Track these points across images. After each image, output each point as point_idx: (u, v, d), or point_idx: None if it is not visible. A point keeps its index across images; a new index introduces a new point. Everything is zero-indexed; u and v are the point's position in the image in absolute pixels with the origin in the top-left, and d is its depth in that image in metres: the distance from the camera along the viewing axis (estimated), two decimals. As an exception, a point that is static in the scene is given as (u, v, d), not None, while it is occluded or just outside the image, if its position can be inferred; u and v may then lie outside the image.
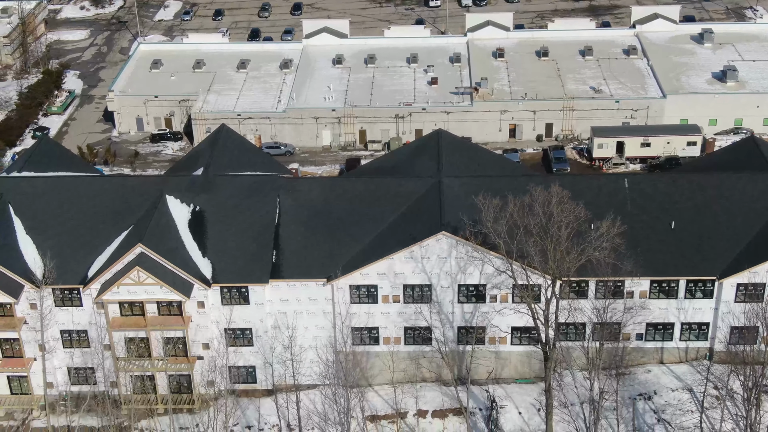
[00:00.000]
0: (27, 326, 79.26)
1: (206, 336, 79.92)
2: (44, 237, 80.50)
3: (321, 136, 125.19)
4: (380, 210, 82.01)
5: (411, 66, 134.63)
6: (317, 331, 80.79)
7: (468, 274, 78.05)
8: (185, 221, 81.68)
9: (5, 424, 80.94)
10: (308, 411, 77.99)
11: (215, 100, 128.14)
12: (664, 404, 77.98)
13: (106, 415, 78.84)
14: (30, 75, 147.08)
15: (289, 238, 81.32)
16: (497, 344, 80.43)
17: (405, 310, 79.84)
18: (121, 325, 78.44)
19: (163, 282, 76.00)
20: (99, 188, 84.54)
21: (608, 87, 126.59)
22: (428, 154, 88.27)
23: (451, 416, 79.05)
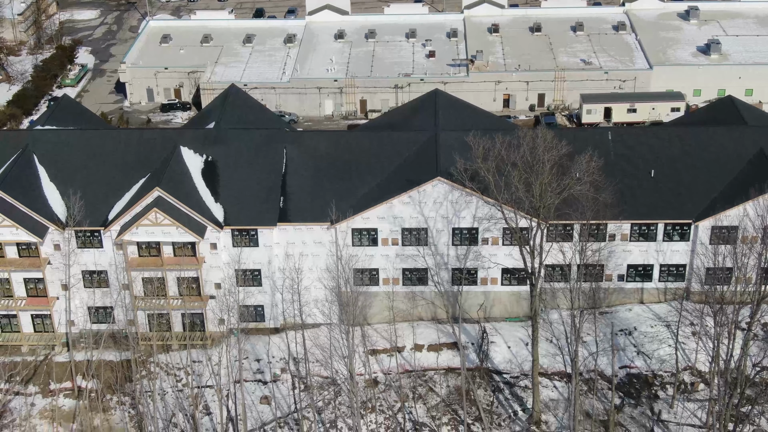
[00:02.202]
0: (50, 266, 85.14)
1: (218, 276, 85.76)
2: (67, 184, 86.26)
3: (323, 106, 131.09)
4: (381, 160, 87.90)
5: (410, 41, 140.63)
6: (321, 272, 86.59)
7: (461, 218, 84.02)
8: (198, 170, 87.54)
9: (29, 359, 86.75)
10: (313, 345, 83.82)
11: (222, 71, 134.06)
12: (643, 339, 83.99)
13: (125, 350, 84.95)
14: (43, 51, 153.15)
15: (296, 185, 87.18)
16: (488, 285, 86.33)
17: (403, 252, 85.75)
18: (139, 265, 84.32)
19: (179, 223, 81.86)
20: (117, 140, 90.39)
21: (598, 59, 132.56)
22: (426, 112, 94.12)
23: (445, 350, 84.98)
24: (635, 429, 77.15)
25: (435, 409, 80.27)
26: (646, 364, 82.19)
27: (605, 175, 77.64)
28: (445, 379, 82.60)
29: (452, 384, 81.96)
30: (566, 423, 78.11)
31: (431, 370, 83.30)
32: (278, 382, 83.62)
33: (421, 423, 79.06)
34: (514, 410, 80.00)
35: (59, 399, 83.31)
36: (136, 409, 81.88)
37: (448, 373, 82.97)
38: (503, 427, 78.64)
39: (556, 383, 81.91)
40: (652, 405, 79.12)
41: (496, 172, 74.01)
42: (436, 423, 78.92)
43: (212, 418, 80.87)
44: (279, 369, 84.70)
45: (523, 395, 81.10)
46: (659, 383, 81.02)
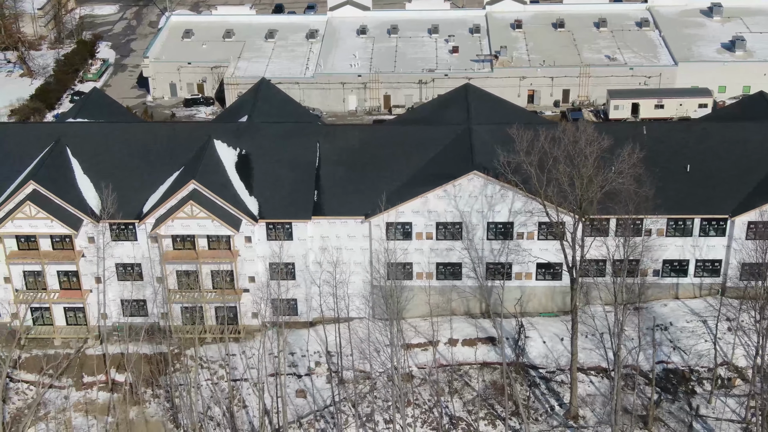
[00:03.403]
0: (85, 259, 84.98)
1: (252, 269, 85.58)
2: (100, 177, 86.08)
3: (347, 101, 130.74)
4: (414, 154, 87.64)
5: (432, 36, 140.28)
6: (355, 266, 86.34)
7: (497, 212, 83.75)
8: (232, 163, 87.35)
9: (62, 352, 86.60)
10: (348, 339, 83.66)
11: (246, 66, 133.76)
12: (679, 334, 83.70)
13: (158, 343, 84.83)
14: (64, 45, 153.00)
15: (329, 179, 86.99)
16: (523, 279, 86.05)
17: (437, 247, 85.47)
18: (174, 259, 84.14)
19: (215, 216, 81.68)
20: (150, 133, 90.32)
21: (622, 56, 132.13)
22: (457, 106, 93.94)
23: (480, 344, 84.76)
24: (674, 424, 76.89)
25: (471, 403, 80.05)
26: (683, 360, 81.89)
27: (643, 167, 77.26)
28: (481, 373, 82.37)
29: (488, 378, 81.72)
30: (604, 418, 77.90)
31: (467, 365, 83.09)
32: (313, 375, 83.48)
33: (457, 417, 78.87)
34: (550, 405, 79.78)
35: (93, 392, 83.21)
36: (171, 402, 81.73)
37: (483, 367, 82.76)
38: (540, 422, 78.41)
39: (592, 378, 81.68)
40: (689, 400, 78.85)
41: (537, 166, 73.71)
42: (472, 417, 78.72)
43: (248, 411, 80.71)
44: (314, 363, 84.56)
45: (560, 390, 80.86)
46: (696, 378, 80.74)
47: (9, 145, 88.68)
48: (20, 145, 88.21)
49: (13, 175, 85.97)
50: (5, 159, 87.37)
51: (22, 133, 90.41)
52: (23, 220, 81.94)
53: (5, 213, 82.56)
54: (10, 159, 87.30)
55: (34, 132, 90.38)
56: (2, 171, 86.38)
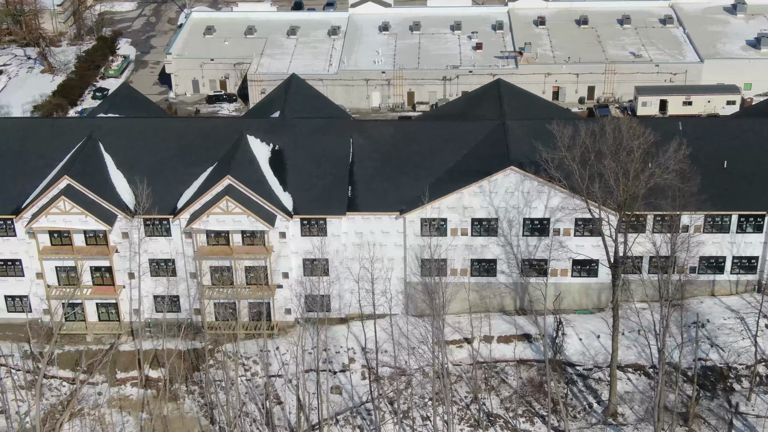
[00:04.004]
0: (118, 254, 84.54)
1: (286, 265, 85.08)
2: (133, 172, 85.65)
3: (371, 98, 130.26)
4: (448, 149, 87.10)
5: (455, 33, 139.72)
6: (388, 262, 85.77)
7: (533, 208, 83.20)
8: (266, 159, 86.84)
9: (94, 348, 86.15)
10: (381, 337, 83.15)
11: (269, 63, 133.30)
12: (716, 331, 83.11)
13: (191, 339, 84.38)
14: (84, 42, 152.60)
15: (363, 174, 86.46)
16: (558, 276, 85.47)
17: (472, 243, 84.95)
18: (208, 254, 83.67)
19: (250, 211, 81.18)
20: (181, 129, 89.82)
21: (647, 53, 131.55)
22: (489, 101, 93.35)
23: (516, 341, 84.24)
24: (714, 421, 76.30)
25: (509, 400, 79.53)
26: (721, 357, 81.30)
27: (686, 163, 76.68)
28: (517, 370, 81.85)
29: (524, 376, 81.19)
30: (643, 415, 77.34)
31: (503, 362, 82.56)
32: (348, 372, 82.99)
33: (495, 414, 78.33)
34: (588, 402, 79.19)
35: (127, 388, 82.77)
36: (205, 398, 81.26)
37: (519, 364, 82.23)
38: (579, 419, 77.84)
39: (630, 375, 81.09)
40: (728, 397, 78.27)
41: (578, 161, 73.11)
42: (510, 414, 78.17)
43: (283, 407, 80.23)
44: (348, 359, 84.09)
45: (597, 387, 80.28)
46: (734, 376, 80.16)
47: (40, 140, 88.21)
48: (51, 141, 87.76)
49: (45, 171, 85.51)
50: (37, 154, 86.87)
51: (53, 128, 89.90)
52: (57, 215, 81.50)
53: (39, 208, 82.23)
54: (41, 154, 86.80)
55: (65, 127, 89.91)
56: (34, 166, 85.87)
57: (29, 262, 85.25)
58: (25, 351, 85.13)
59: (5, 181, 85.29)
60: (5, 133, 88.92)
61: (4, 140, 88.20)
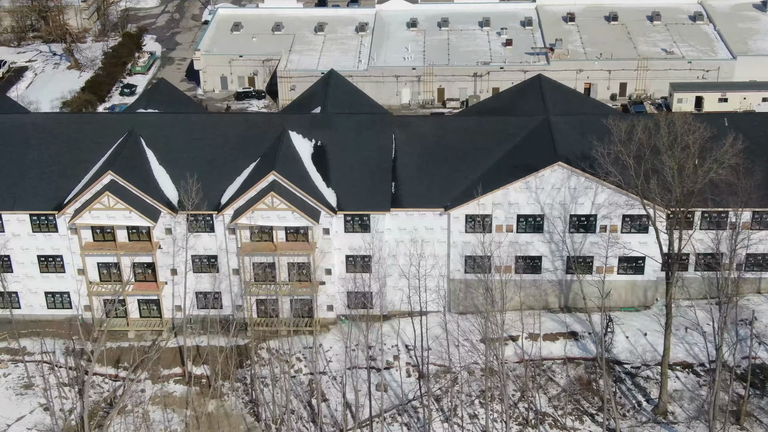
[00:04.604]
0: (161, 251, 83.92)
1: (329, 262, 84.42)
2: (175, 168, 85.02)
3: (401, 94, 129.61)
4: (491, 145, 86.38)
5: (483, 29, 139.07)
6: (431, 259, 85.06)
7: (580, 204, 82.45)
8: (308, 154, 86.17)
9: (136, 345, 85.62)
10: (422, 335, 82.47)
11: (298, 59, 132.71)
12: (765, 329, 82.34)
13: (234, 336, 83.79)
14: (109, 38, 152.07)
15: (406, 170, 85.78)
16: (604, 273, 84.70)
17: (517, 240, 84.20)
18: (252, 250, 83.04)
19: (295, 207, 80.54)
20: (222, 124, 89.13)
21: (679, 49, 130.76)
22: (531, 96, 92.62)
23: (561, 339, 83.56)
24: (766, 419, 75.53)
25: (557, 398, 78.82)
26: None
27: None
28: (564, 368, 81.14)
29: (572, 374, 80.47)
30: (693, 414, 76.60)
31: (549, 360, 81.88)
32: (392, 369, 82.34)
33: (543, 413, 77.62)
34: (637, 401, 78.43)
35: (170, 385, 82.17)
36: (249, 395, 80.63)
37: (566, 362, 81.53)
38: (628, 418, 77.09)
39: (677, 374, 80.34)
40: (779, 396, 77.64)
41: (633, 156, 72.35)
42: (559, 413, 77.46)
43: (328, 404, 79.57)
44: (392, 356, 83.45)
45: (646, 386, 79.54)
46: (784, 374, 79.50)
47: (80, 135, 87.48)
48: (91, 136, 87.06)
49: (86, 166, 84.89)
50: (77, 150, 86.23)
51: (93, 124, 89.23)
52: (101, 211, 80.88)
53: (82, 204, 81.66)
54: (81, 150, 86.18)
55: (105, 122, 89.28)
56: (74, 162, 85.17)
57: (71, 258, 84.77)
58: (67, 348, 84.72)
59: (46, 177, 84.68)
60: (44, 129, 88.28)
61: (44, 136, 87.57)
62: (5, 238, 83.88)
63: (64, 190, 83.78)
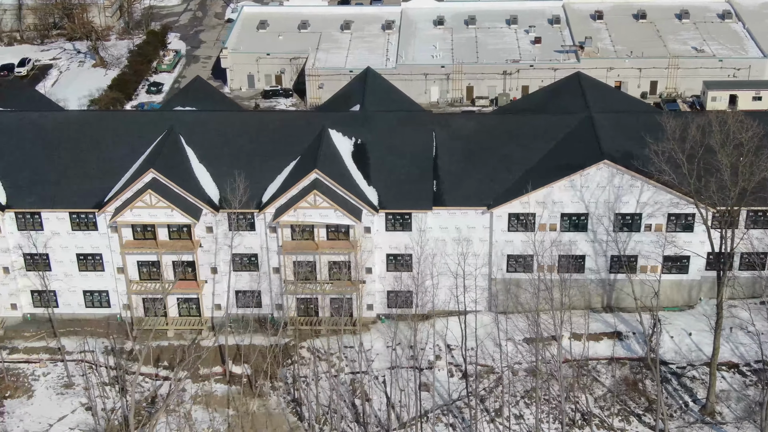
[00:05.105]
0: (202, 249, 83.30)
1: (370, 261, 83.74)
2: (216, 166, 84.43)
3: (429, 92, 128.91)
4: (533, 142, 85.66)
5: (511, 27, 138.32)
6: (472, 258, 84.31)
7: (624, 203, 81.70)
8: (349, 153, 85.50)
9: (176, 344, 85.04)
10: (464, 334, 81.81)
11: (325, 57, 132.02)
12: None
13: (273, 335, 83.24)
14: (133, 36, 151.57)
15: (448, 168, 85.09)
16: (648, 273, 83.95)
17: (560, 239, 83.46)
18: (293, 249, 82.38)
19: (337, 205, 79.90)
20: (261, 122, 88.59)
21: (709, 47, 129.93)
22: (571, 94, 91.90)
23: (606, 339, 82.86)
24: (817, 421, 74.87)
25: (602, 399, 78.09)
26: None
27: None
28: (609, 369, 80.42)
29: (618, 374, 79.74)
30: (741, 414, 75.85)
31: (593, 360, 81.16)
32: (434, 369, 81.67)
33: (589, 413, 76.90)
34: (684, 401, 77.68)
35: (211, 384, 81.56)
36: (291, 395, 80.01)
37: (611, 363, 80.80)
38: (675, 418, 76.35)
39: (723, 373, 79.57)
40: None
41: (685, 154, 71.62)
42: (605, 413, 76.74)
43: (371, 404, 78.92)
44: (433, 356, 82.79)
45: (692, 386, 78.80)
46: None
47: (118, 133, 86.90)
48: (130, 134, 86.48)
49: (125, 164, 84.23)
50: (115, 148, 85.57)
51: (130, 121, 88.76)
52: (142, 209, 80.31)
53: (123, 202, 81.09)
54: (120, 148, 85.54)
55: (143, 120, 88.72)
56: (113, 160, 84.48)
57: (110, 256, 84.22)
58: (106, 347, 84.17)
59: (85, 175, 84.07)
60: (82, 126, 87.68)
61: (81, 133, 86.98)
62: (45, 237, 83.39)
63: (104, 188, 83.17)
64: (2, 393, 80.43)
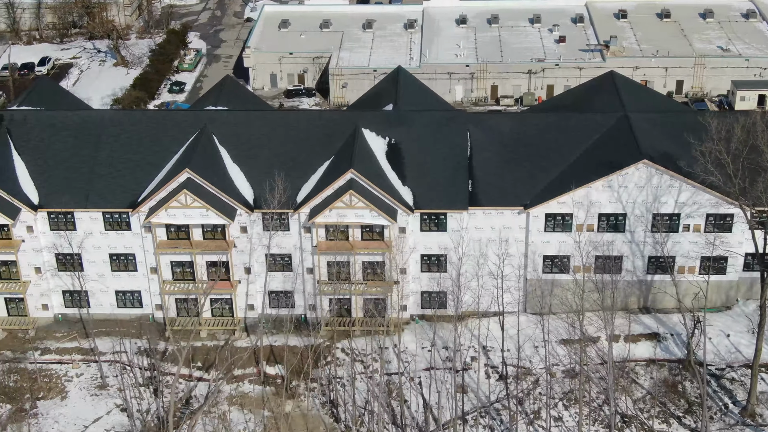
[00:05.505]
0: (236, 249, 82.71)
1: (404, 261, 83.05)
2: (250, 166, 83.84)
3: (453, 92, 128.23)
4: (568, 142, 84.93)
5: (534, 26, 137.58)
6: (508, 258, 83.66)
7: (663, 203, 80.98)
8: (383, 152, 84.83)
9: (209, 345, 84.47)
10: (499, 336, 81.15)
11: (348, 56, 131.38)
12: None
13: (306, 336, 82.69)
14: (153, 35, 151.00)
15: (483, 168, 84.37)
16: (686, 274, 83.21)
17: (597, 239, 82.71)
18: (328, 249, 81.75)
19: (373, 206, 79.24)
20: (294, 121, 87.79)
21: (735, 47, 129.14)
22: (605, 93, 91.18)
23: (643, 340, 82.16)
24: None
25: (642, 401, 77.40)
26: None
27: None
28: (648, 370, 79.73)
29: (656, 376, 79.03)
30: (783, 417, 75.27)
31: (632, 362, 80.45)
32: (470, 370, 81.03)
33: (629, 415, 76.20)
34: (724, 403, 76.98)
35: (244, 385, 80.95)
36: (326, 396, 79.39)
37: (649, 364, 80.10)
38: (716, 420, 75.65)
39: (762, 375, 78.83)
40: None
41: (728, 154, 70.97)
42: (645, 415, 76.05)
43: (408, 406, 78.28)
44: (469, 357, 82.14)
45: (731, 388, 78.08)
46: None
47: (150, 133, 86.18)
48: (162, 133, 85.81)
49: (158, 164, 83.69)
50: (147, 147, 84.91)
51: (162, 121, 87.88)
52: (177, 209, 79.72)
53: (157, 202, 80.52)
54: (153, 147, 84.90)
55: (175, 119, 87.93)
56: (146, 160, 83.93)
57: (143, 256, 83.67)
58: (139, 347, 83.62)
59: (118, 175, 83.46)
60: (115, 125, 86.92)
61: (114, 132, 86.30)
62: (78, 237, 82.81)
63: (137, 188, 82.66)
64: (35, 394, 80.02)
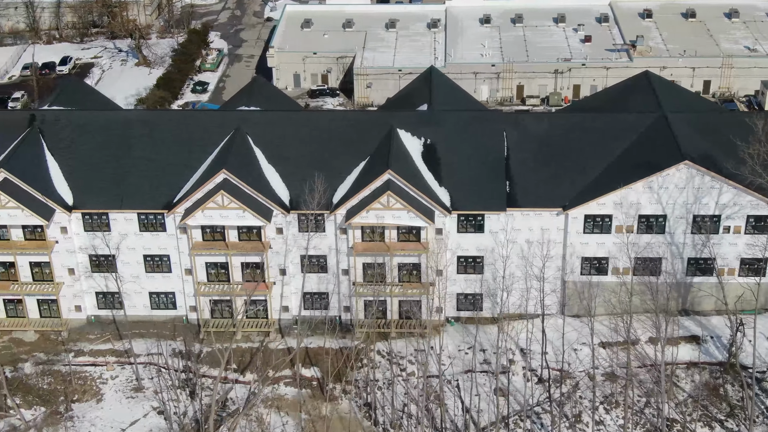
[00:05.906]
0: (272, 250, 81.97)
1: (441, 263, 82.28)
2: (285, 166, 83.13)
3: (479, 91, 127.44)
4: (607, 142, 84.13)
5: (559, 25, 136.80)
6: (546, 260, 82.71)
7: (703, 204, 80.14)
8: (418, 153, 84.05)
9: (244, 346, 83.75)
10: (538, 338, 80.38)
11: (372, 56, 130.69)
12: None
13: (342, 338, 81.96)
14: (174, 35, 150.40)
15: (520, 168, 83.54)
16: (725, 275, 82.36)
17: (636, 241, 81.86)
18: (364, 250, 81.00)
19: (411, 207, 78.49)
20: (328, 122, 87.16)
21: (761, 47, 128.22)
22: (641, 93, 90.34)
23: (683, 343, 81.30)
24: None
25: (683, 404, 76.59)
26: None
27: None
28: (689, 373, 78.91)
29: (697, 379, 78.21)
30: (828, 421, 74.42)
31: (672, 365, 79.62)
32: (508, 373, 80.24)
33: (671, 419, 75.39)
34: (766, 406, 76.17)
35: (280, 387, 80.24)
36: (362, 398, 78.65)
37: (690, 367, 79.30)
38: (758, 424, 74.81)
39: (804, 379, 78.20)
40: None
41: None
42: (687, 419, 75.25)
43: (446, 409, 77.52)
44: (507, 360, 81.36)
45: (774, 391, 77.47)
46: None
47: (183, 133, 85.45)
48: (195, 134, 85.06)
49: (193, 165, 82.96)
50: (181, 148, 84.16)
51: (194, 121, 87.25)
52: (214, 211, 79.01)
53: (193, 203, 79.84)
54: (186, 148, 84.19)
55: (209, 119, 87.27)
56: (180, 160, 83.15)
57: (178, 258, 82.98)
58: (174, 349, 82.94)
59: (152, 176, 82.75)
60: (147, 126, 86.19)
61: (147, 133, 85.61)
62: (113, 238, 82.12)
63: (172, 189, 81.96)
64: (70, 396, 79.39)
